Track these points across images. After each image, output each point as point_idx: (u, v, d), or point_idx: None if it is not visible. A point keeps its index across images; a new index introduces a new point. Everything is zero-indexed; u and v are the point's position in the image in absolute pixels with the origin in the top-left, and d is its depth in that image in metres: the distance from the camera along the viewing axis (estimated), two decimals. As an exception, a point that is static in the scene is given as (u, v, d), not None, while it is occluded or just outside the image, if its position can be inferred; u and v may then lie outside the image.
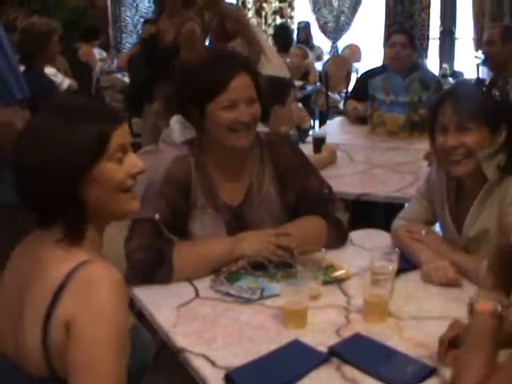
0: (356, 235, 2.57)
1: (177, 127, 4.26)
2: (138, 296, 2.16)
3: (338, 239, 2.48)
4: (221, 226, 2.35)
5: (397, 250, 2.18)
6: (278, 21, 10.18)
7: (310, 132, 4.86)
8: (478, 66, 8.40)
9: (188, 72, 2.35)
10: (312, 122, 7.84)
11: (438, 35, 9.52)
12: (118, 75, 7.54)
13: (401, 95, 4.41)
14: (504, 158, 2.21)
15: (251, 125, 2.29)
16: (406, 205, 4.99)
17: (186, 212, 2.34)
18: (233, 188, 2.39)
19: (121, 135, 1.58)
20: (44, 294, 1.49)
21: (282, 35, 8.86)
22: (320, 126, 8.18)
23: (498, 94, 2.25)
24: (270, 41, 9.26)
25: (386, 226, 4.00)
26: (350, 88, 8.46)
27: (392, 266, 2.06)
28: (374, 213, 4.38)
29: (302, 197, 2.44)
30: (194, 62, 2.38)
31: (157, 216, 2.23)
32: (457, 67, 9.22)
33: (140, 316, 2.13)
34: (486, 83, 2.30)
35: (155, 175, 2.32)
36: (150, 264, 2.16)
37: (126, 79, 7.02)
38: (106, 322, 1.46)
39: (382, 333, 1.91)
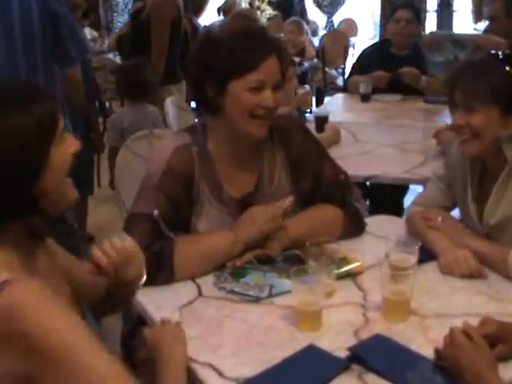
0: (368, 222, 2.39)
1: (172, 109, 4.10)
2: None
3: (355, 229, 2.31)
4: (228, 221, 2.14)
5: (417, 241, 1.99)
6: (272, -5, 9.96)
7: (308, 111, 4.70)
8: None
9: (216, 44, 2.10)
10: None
11: (435, 7, 9.34)
12: (110, 55, 7.33)
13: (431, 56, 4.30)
14: None
15: (272, 113, 2.09)
16: (412, 186, 4.92)
17: (189, 207, 2.14)
18: (241, 179, 2.19)
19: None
20: None
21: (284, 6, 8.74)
22: (317, 102, 8.00)
23: None
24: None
25: (391, 208, 3.88)
26: (348, 63, 8.32)
27: (414, 260, 1.89)
28: (380, 194, 4.25)
29: (317, 185, 2.26)
30: (226, 34, 2.15)
31: (155, 212, 2.03)
32: (455, 40, 9.04)
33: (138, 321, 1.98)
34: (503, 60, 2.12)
35: (154, 167, 2.12)
36: (149, 267, 1.97)
37: (118, 59, 6.83)
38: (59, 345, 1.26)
39: (405, 333, 1.74)
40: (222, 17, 8.85)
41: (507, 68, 2.06)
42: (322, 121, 3.72)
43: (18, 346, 1.25)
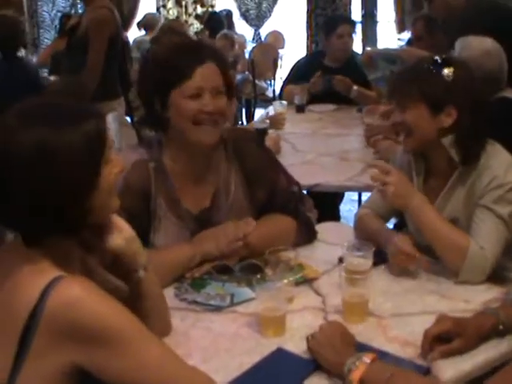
0: (318, 229, 2.46)
1: (114, 125, 4.11)
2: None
3: (308, 238, 2.39)
4: (186, 236, 2.19)
5: (371, 245, 2.07)
6: (199, 10, 10.01)
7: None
8: (401, 47, 8.42)
9: (154, 60, 2.18)
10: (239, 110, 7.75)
11: (359, 18, 9.54)
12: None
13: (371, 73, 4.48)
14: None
15: (217, 119, 2.12)
16: (347, 194, 5.02)
17: (147, 222, 2.16)
18: (198, 193, 2.22)
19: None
20: (16, 315, 1.37)
21: (213, 22, 8.72)
22: (247, 114, 8.09)
23: (451, 74, 2.18)
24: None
25: (330, 215, 3.97)
26: (277, 75, 8.44)
27: (370, 263, 1.97)
28: (320, 202, 4.33)
29: (272, 196, 2.31)
30: (161, 49, 2.21)
31: None
32: (380, 50, 9.25)
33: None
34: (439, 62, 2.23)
35: None
36: None
37: (45, 75, 6.77)
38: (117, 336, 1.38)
39: (365, 333, 1.81)
40: (143, 31, 8.84)
41: (446, 71, 2.15)
42: (262, 133, 3.78)
43: (76, 337, 1.34)
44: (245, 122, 7.85)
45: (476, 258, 2.05)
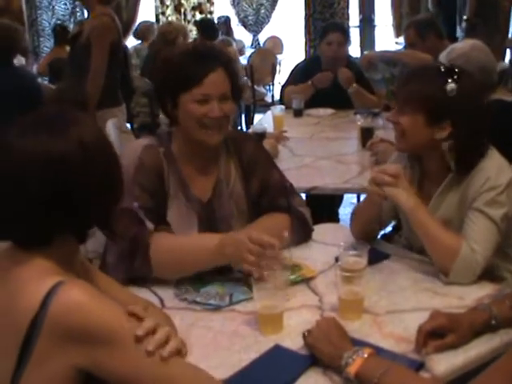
0: (315, 230, 2.52)
1: (113, 131, 4.16)
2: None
3: (304, 233, 2.45)
4: (193, 217, 2.32)
5: (366, 245, 2.11)
6: (198, 16, 10.06)
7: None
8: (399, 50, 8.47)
9: (168, 62, 2.33)
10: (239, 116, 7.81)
11: (357, 23, 9.60)
12: (38, 80, 7.30)
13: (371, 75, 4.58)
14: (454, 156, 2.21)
15: (222, 122, 2.27)
16: (346, 197, 5.06)
17: (164, 198, 2.29)
18: (202, 181, 2.37)
19: None
20: (17, 321, 1.38)
21: (207, 28, 8.73)
22: (246, 120, 8.15)
23: (454, 90, 2.20)
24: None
25: (328, 218, 4.02)
26: (276, 80, 8.51)
27: (365, 262, 2.01)
28: (318, 205, 4.38)
29: (265, 188, 2.42)
30: (176, 52, 2.37)
31: (135, 204, 2.17)
32: (378, 54, 9.29)
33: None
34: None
35: (126, 164, 2.16)
36: (125, 254, 2.07)
37: (46, 83, 6.83)
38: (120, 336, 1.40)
39: (361, 330, 1.86)
40: (139, 41, 8.87)
41: (450, 86, 2.17)
42: (259, 137, 3.84)
43: (79, 340, 1.36)
44: (244, 128, 7.90)
45: (467, 260, 2.09)
